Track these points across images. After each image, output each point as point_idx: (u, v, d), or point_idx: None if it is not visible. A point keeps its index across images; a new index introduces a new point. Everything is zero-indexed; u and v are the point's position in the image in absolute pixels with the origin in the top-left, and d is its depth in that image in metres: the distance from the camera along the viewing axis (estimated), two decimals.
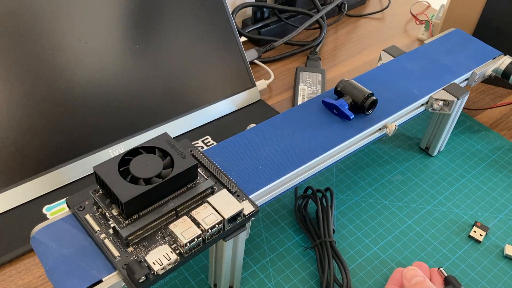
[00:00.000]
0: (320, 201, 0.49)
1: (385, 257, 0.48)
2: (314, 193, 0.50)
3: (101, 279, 0.33)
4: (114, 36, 0.54)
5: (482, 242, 0.49)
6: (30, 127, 0.49)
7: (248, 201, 0.38)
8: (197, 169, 0.37)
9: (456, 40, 0.60)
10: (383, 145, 0.60)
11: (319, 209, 0.48)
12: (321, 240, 0.46)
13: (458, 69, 0.55)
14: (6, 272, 0.45)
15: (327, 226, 0.47)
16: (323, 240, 0.46)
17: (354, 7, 0.87)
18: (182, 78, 0.58)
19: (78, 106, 0.52)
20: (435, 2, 0.88)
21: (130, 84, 0.55)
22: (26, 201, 0.49)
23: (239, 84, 0.63)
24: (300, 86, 0.66)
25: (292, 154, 0.43)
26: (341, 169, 0.56)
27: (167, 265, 0.33)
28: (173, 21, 0.58)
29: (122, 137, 0.54)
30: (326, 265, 0.44)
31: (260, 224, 0.50)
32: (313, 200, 0.49)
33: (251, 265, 0.47)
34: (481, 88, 0.71)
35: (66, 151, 0.51)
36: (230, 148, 0.43)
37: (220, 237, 0.36)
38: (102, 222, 0.35)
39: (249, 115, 0.62)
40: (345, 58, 0.75)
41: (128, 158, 0.37)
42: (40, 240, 0.35)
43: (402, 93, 0.51)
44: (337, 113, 0.47)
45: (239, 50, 0.63)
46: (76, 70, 0.52)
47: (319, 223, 0.48)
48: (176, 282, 0.45)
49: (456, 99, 0.51)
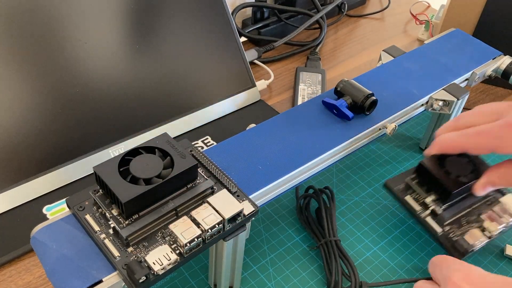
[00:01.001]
0: (323, 201, 0.49)
1: (385, 257, 0.48)
2: (316, 192, 0.50)
3: (101, 279, 0.33)
4: (114, 36, 0.54)
5: None
6: (30, 127, 0.49)
7: (248, 201, 0.38)
8: (197, 169, 0.37)
9: (456, 40, 0.60)
10: (383, 145, 0.60)
11: (322, 208, 0.48)
12: (326, 240, 0.46)
13: (458, 69, 0.55)
14: (6, 272, 0.45)
15: (332, 225, 0.47)
16: (328, 240, 0.46)
17: (354, 7, 0.87)
18: (182, 78, 0.58)
19: (78, 106, 0.52)
20: (435, 2, 0.87)
21: (130, 84, 0.55)
22: (26, 201, 0.49)
23: (239, 84, 0.63)
24: (300, 86, 0.66)
25: (292, 154, 0.43)
26: (341, 169, 0.56)
27: (167, 265, 0.33)
28: (173, 22, 0.58)
29: (122, 137, 0.54)
30: (333, 265, 0.44)
31: (260, 224, 0.50)
32: (316, 199, 0.49)
33: (251, 265, 0.47)
34: (481, 88, 0.71)
35: (66, 151, 0.51)
36: (230, 148, 0.43)
37: (220, 237, 0.36)
38: (102, 222, 0.35)
39: (249, 115, 0.62)
40: (345, 58, 0.75)
41: (128, 158, 0.37)
42: (40, 240, 0.35)
43: (402, 93, 0.51)
44: (337, 113, 0.47)
45: (239, 50, 0.63)
46: (76, 71, 0.52)
47: (323, 223, 0.47)
48: (176, 282, 0.45)
49: (456, 99, 0.51)
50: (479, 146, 0.41)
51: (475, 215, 0.46)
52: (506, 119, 0.40)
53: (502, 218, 0.46)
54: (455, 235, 0.45)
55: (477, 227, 0.46)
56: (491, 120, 0.41)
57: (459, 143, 0.42)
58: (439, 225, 0.45)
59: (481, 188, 0.43)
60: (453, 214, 0.46)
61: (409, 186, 0.48)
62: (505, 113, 0.41)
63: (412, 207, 0.47)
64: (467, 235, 0.45)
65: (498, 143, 0.40)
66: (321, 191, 0.50)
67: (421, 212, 0.46)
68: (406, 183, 0.48)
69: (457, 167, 0.46)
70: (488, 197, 0.48)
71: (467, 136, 0.42)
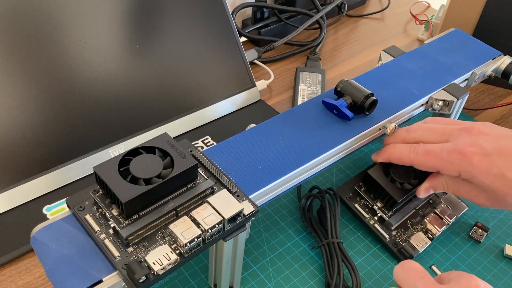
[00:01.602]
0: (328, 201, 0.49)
1: (385, 257, 0.48)
2: (321, 193, 0.50)
3: (101, 279, 0.33)
4: (114, 36, 0.54)
5: (482, 242, 0.49)
6: (30, 127, 0.49)
7: (248, 201, 0.38)
8: (197, 169, 0.37)
9: (456, 40, 0.60)
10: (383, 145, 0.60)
11: (327, 209, 0.48)
12: (329, 241, 0.46)
13: (458, 69, 0.55)
14: (6, 272, 0.45)
15: (335, 227, 0.47)
16: (331, 241, 0.46)
17: (354, 7, 0.87)
18: (182, 78, 0.58)
19: (78, 106, 0.52)
20: (435, 2, 0.88)
21: (130, 84, 0.55)
22: (26, 201, 0.49)
23: (239, 84, 0.63)
24: (300, 86, 0.66)
25: (292, 154, 0.43)
26: (341, 169, 0.56)
27: (167, 265, 0.33)
28: (173, 22, 0.58)
29: (122, 137, 0.54)
30: (335, 267, 0.44)
31: (260, 224, 0.50)
32: (320, 199, 0.49)
33: (251, 265, 0.47)
34: (481, 88, 0.71)
35: (66, 151, 0.51)
36: (230, 148, 0.43)
37: (220, 237, 0.36)
38: (102, 222, 0.35)
39: (249, 115, 0.62)
40: (345, 58, 0.75)
41: (128, 158, 0.37)
42: (40, 240, 0.35)
43: (402, 93, 0.51)
44: (337, 113, 0.47)
45: (239, 50, 0.63)
46: (76, 71, 0.52)
47: (326, 223, 0.47)
48: (176, 282, 0.45)
49: (456, 99, 0.51)
50: (426, 164, 0.44)
51: (419, 216, 0.50)
52: (455, 145, 0.42)
53: (443, 219, 0.49)
54: (401, 239, 0.48)
55: (421, 230, 0.49)
56: (441, 141, 0.44)
57: (408, 158, 0.45)
58: (387, 231, 0.48)
59: (424, 192, 0.46)
60: (399, 219, 0.49)
61: (358, 193, 0.51)
62: (454, 137, 0.43)
63: (362, 214, 0.49)
64: (412, 238, 0.48)
65: (445, 165, 0.43)
66: (326, 191, 0.50)
67: (369, 219, 0.49)
68: (355, 190, 0.51)
69: (401, 174, 0.48)
70: (430, 196, 0.51)
71: (416, 153, 0.44)
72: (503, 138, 0.42)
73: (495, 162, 0.41)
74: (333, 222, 0.47)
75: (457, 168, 0.42)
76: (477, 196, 0.43)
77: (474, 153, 0.41)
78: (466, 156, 0.41)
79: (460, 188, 0.44)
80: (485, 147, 0.41)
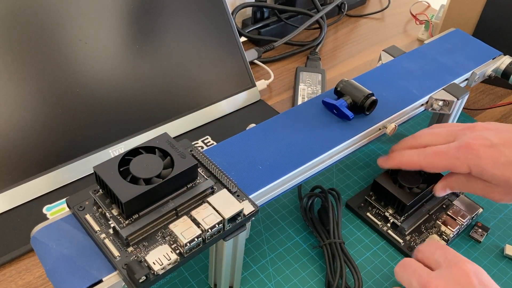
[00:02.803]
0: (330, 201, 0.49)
1: (385, 257, 0.48)
2: (324, 192, 0.50)
3: (101, 279, 0.33)
4: (115, 36, 0.54)
5: (482, 242, 0.49)
6: (30, 127, 0.49)
7: (248, 201, 0.38)
8: (197, 169, 0.37)
9: (456, 40, 0.60)
10: (383, 145, 0.60)
11: (329, 209, 0.48)
12: (331, 241, 0.46)
13: (458, 69, 0.55)
14: (6, 272, 0.45)
15: (337, 227, 0.47)
16: (333, 241, 0.46)
17: (354, 7, 0.87)
18: (182, 78, 0.58)
19: (78, 106, 0.52)
20: (435, 2, 0.88)
21: (130, 84, 0.55)
22: (26, 201, 0.49)
23: (239, 84, 0.63)
24: (300, 86, 0.66)
25: (292, 154, 0.43)
26: (341, 169, 0.56)
27: (167, 265, 0.33)
28: (173, 21, 0.58)
29: (122, 137, 0.54)
30: (337, 268, 0.44)
31: (260, 224, 0.50)
32: (323, 199, 0.49)
33: (251, 265, 0.47)
34: (481, 88, 0.71)
35: (66, 151, 0.51)
36: (230, 148, 0.43)
37: (220, 237, 0.36)
38: (102, 222, 0.35)
39: (249, 115, 0.62)
40: (345, 58, 0.75)
41: (128, 158, 0.37)
42: (40, 240, 0.35)
43: (402, 93, 0.51)
44: (337, 113, 0.47)
45: (239, 50, 0.63)
46: (76, 71, 0.52)
47: (328, 223, 0.47)
48: (176, 282, 0.45)
49: (456, 99, 0.51)
50: (436, 165, 0.44)
51: (433, 220, 0.50)
52: (461, 141, 0.43)
53: (456, 220, 0.49)
54: (416, 243, 0.48)
55: (435, 233, 0.49)
56: (447, 142, 0.45)
57: (418, 162, 0.46)
58: (401, 236, 0.48)
59: (440, 190, 0.47)
60: (412, 223, 0.49)
61: (369, 202, 0.51)
62: (459, 136, 0.44)
63: (374, 222, 0.50)
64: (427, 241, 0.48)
65: (454, 162, 0.43)
66: (329, 191, 0.50)
67: (382, 226, 0.49)
68: (365, 200, 0.51)
69: (409, 180, 0.49)
70: (443, 201, 0.51)
71: (425, 156, 0.45)
72: (507, 131, 0.42)
73: (502, 151, 0.41)
74: (336, 222, 0.47)
75: (466, 163, 0.42)
76: (492, 191, 0.43)
77: (480, 145, 0.42)
78: (473, 149, 0.42)
79: (474, 185, 0.44)
80: (490, 139, 0.42)
